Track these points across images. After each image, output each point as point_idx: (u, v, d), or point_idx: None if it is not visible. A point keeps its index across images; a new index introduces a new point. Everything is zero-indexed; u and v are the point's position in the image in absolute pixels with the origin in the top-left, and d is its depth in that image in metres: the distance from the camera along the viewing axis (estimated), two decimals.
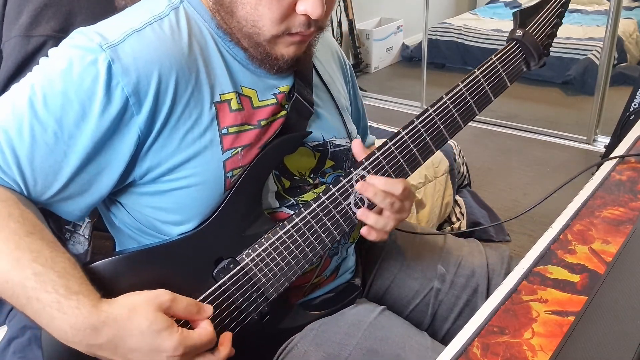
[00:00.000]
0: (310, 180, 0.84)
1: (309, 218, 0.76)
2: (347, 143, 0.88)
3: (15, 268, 0.61)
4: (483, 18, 4.67)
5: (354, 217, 0.79)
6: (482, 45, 4.20)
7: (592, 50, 3.74)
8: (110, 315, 0.62)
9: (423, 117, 0.79)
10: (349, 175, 0.77)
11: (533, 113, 3.46)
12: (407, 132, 0.78)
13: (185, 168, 0.72)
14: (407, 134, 0.78)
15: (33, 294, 0.61)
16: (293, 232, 0.76)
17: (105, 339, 0.61)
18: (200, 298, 0.73)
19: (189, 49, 0.71)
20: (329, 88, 0.88)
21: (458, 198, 2.22)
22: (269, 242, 0.75)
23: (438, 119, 0.79)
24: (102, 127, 0.67)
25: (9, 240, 0.62)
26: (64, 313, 0.60)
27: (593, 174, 1.04)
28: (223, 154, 0.74)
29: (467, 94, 0.80)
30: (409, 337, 0.81)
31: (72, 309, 0.60)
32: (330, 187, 0.77)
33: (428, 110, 0.79)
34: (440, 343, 0.83)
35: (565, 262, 0.79)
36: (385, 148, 0.78)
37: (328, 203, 0.77)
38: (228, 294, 0.75)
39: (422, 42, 3.76)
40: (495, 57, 0.83)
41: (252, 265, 0.75)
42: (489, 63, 0.82)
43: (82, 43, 0.67)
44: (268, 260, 0.76)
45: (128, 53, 0.67)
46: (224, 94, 0.74)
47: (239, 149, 0.75)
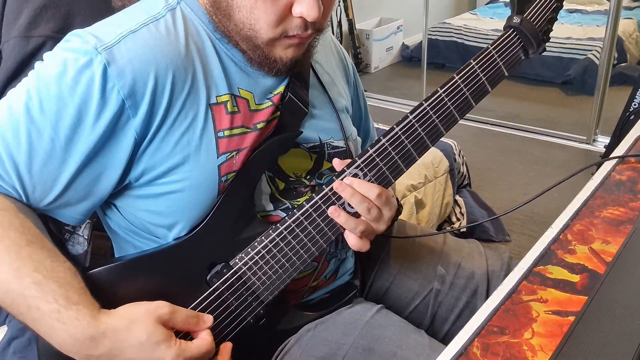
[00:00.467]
0: (307, 182, 0.83)
1: (302, 219, 0.75)
2: (345, 145, 0.87)
3: (16, 277, 0.61)
4: (483, 18, 4.67)
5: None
6: (482, 45, 4.18)
7: (592, 50, 3.74)
8: (109, 327, 0.62)
9: (417, 111, 0.76)
10: (342, 174, 0.76)
11: (533, 113, 3.46)
12: (400, 127, 0.76)
13: (180, 171, 0.71)
14: (400, 130, 0.76)
15: (33, 303, 0.61)
16: (286, 234, 0.75)
17: (104, 350, 0.62)
18: (195, 303, 0.73)
19: (186, 50, 0.71)
20: (327, 89, 0.87)
21: (458, 198, 2.22)
22: (262, 245, 0.75)
23: (433, 113, 0.77)
24: (98, 130, 0.66)
25: (10, 250, 0.62)
26: (64, 323, 0.61)
27: (593, 174, 1.04)
28: (218, 158, 0.73)
29: (462, 86, 0.78)
30: (406, 335, 0.81)
31: (71, 320, 0.61)
32: (324, 187, 0.76)
33: (422, 105, 0.76)
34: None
35: (565, 262, 0.79)
36: (379, 145, 0.76)
37: (321, 203, 0.75)
38: (222, 299, 0.75)
39: (422, 42, 3.76)
40: (492, 46, 0.80)
41: (245, 269, 0.75)
42: (486, 52, 0.79)
43: (76, 46, 0.67)
44: (262, 264, 0.75)
45: (124, 54, 0.66)
46: (220, 96, 0.73)
47: (234, 153, 0.74)
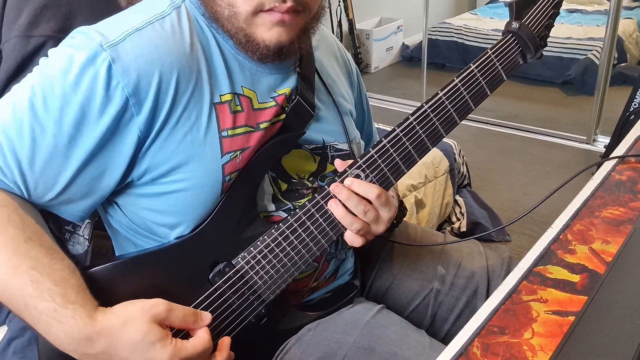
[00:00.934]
0: (309, 184, 0.84)
1: (305, 219, 0.76)
2: (348, 148, 0.87)
3: (14, 275, 0.61)
4: (483, 18, 4.67)
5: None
6: (482, 45, 4.19)
7: (592, 50, 3.74)
8: (105, 326, 0.62)
9: (418, 113, 0.77)
10: (344, 175, 0.77)
11: (533, 113, 3.46)
12: (402, 129, 0.77)
13: (184, 170, 0.71)
14: (402, 131, 0.77)
15: (30, 302, 0.61)
16: (288, 233, 0.75)
17: (99, 349, 0.62)
18: (197, 302, 0.73)
19: (191, 48, 0.71)
20: (331, 92, 0.87)
21: (458, 198, 2.22)
22: (264, 244, 0.75)
23: (433, 115, 0.78)
24: (101, 127, 0.66)
25: (8, 247, 0.62)
26: (60, 322, 0.61)
27: (593, 174, 1.04)
28: (222, 157, 0.73)
29: (462, 89, 0.79)
30: (407, 335, 0.81)
31: (67, 318, 0.61)
32: (326, 187, 0.76)
33: (423, 107, 0.77)
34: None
35: (565, 262, 0.79)
36: (380, 146, 0.77)
37: (323, 203, 0.76)
38: (224, 298, 0.75)
39: (422, 42, 3.76)
40: (491, 50, 0.81)
41: (247, 268, 0.75)
42: (485, 57, 0.81)
43: (82, 43, 0.67)
44: (264, 263, 0.75)
45: (129, 52, 0.66)
46: (224, 95, 0.73)
47: (238, 153, 0.74)
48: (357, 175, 0.77)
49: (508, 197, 2.52)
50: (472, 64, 0.80)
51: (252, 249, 0.75)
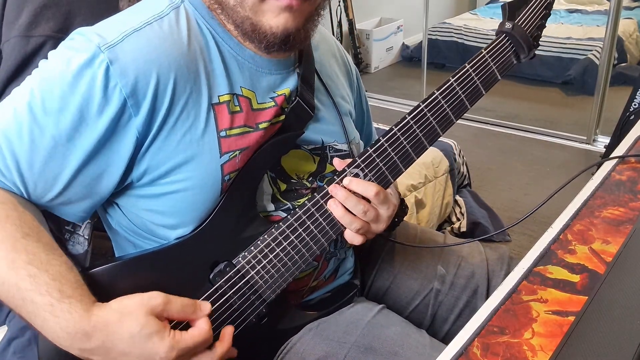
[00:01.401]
0: (308, 184, 0.84)
1: (304, 218, 0.76)
2: (348, 149, 0.87)
3: (11, 269, 0.61)
4: (483, 18, 4.66)
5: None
6: (482, 46, 4.09)
7: (592, 50, 3.74)
8: (101, 320, 0.62)
9: (415, 112, 0.78)
10: (343, 174, 0.77)
11: (533, 113, 3.46)
12: (399, 128, 0.78)
13: (183, 171, 0.71)
14: (399, 130, 0.78)
15: (28, 296, 0.61)
16: (288, 232, 0.76)
17: (97, 344, 0.61)
18: None
19: (189, 49, 0.71)
20: (330, 92, 0.87)
21: (458, 198, 2.22)
22: (265, 243, 0.75)
23: (430, 114, 0.79)
24: (100, 129, 0.67)
25: (6, 242, 0.62)
26: (56, 316, 0.61)
27: (593, 174, 1.04)
28: (221, 157, 0.73)
29: (458, 88, 0.80)
30: (407, 335, 0.81)
31: (64, 313, 0.61)
32: (325, 186, 0.77)
33: (420, 106, 0.79)
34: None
35: (565, 262, 0.79)
36: (378, 145, 0.77)
37: (323, 203, 0.76)
38: (225, 298, 0.75)
39: (422, 42, 3.76)
40: (486, 50, 0.83)
41: (248, 268, 0.75)
42: (480, 57, 0.82)
43: (80, 45, 0.67)
44: (264, 262, 0.75)
45: (127, 53, 0.66)
46: (222, 95, 0.73)
47: (237, 153, 0.74)
48: (355, 175, 0.77)
49: (508, 197, 2.52)
50: (467, 64, 0.81)
51: (252, 249, 0.75)
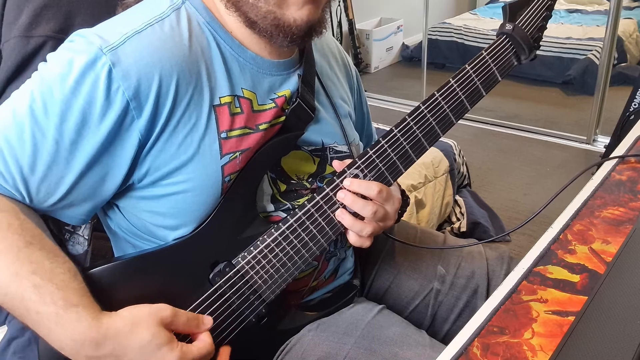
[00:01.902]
0: (308, 185, 0.84)
1: (304, 219, 0.76)
2: (348, 150, 0.87)
3: (14, 280, 0.61)
4: (483, 18, 4.66)
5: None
6: (482, 45, 4.15)
7: (592, 50, 3.74)
8: (112, 329, 0.62)
9: (415, 114, 0.78)
10: (343, 175, 0.77)
11: (533, 113, 3.46)
12: (399, 129, 0.78)
13: (184, 172, 0.71)
14: (399, 132, 0.78)
15: (32, 307, 0.61)
16: (288, 233, 0.76)
17: (105, 352, 0.61)
18: (197, 302, 0.73)
19: (190, 50, 0.71)
20: (330, 94, 0.87)
21: (458, 198, 2.21)
22: (264, 244, 0.75)
23: (430, 116, 0.79)
24: (102, 132, 0.66)
25: (8, 252, 0.62)
26: (62, 326, 0.60)
27: (593, 174, 1.04)
28: (222, 159, 0.73)
29: (458, 90, 0.80)
30: (407, 335, 0.81)
31: (71, 322, 0.60)
32: (325, 187, 0.77)
33: (420, 108, 0.78)
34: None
35: (565, 262, 0.79)
36: (379, 146, 0.77)
37: (322, 203, 0.76)
38: (225, 298, 0.75)
39: (422, 42, 3.76)
40: (486, 51, 0.82)
41: (248, 268, 0.75)
42: (480, 58, 0.82)
43: (81, 46, 0.67)
44: (264, 263, 0.75)
45: (129, 55, 0.66)
46: (224, 97, 0.73)
47: (238, 154, 0.74)
48: (355, 175, 0.77)
49: (508, 197, 2.52)
50: (467, 65, 0.81)
51: (252, 249, 0.75)
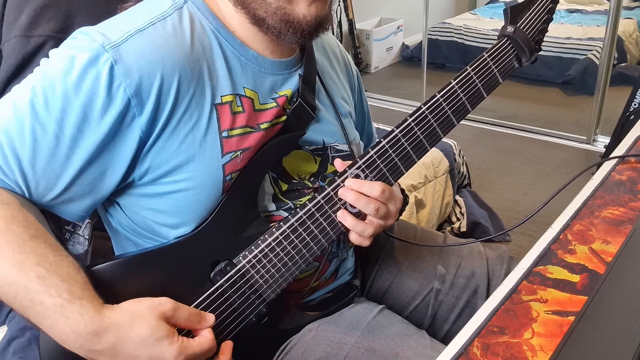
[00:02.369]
0: (310, 184, 0.84)
1: (305, 218, 0.76)
2: (349, 149, 0.87)
3: (20, 271, 0.61)
4: (483, 18, 4.67)
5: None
6: (482, 45, 4.19)
7: (592, 50, 3.74)
8: (113, 322, 0.62)
9: (416, 115, 0.79)
10: (344, 175, 0.77)
11: (533, 113, 3.46)
12: (400, 130, 0.78)
13: (185, 170, 0.72)
14: (400, 132, 0.78)
15: (37, 298, 0.61)
16: (289, 232, 0.76)
17: (106, 345, 0.62)
18: (198, 301, 0.73)
19: (192, 49, 0.71)
20: (330, 93, 0.87)
21: (458, 198, 2.22)
22: (265, 243, 0.75)
23: (431, 117, 0.79)
24: (103, 128, 0.67)
25: (13, 244, 0.62)
26: (67, 317, 0.61)
27: (593, 174, 1.04)
28: (223, 157, 0.73)
29: (459, 92, 0.80)
30: (408, 335, 0.81)
31: (74, 314, 0.61)
32: (326, 187, 0.77)
33: (421, 109, 0.79)
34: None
35: (565, 262, 0.79)
36: (380, 147, 0.78)
37: (323, 203, 0.76)
38: (226, 297, 0.75)
39: (422, 42, 3.76)
40: (487, 53, 0.83)
41: (248, 267, 0.75)
42: (481, 60, 0.82)
43: (83, 43, 0.67)
44: (265, 262, 0.76)
45: (130, 53, 0.66)
46: (225, 96, 0.73)
47: (239, 153, 0.74)
48: (356, 175, 0.77)
49: (508, 197, 2.52)
50: (468, 67, 0.82)
51: (253, 248, 0.75)
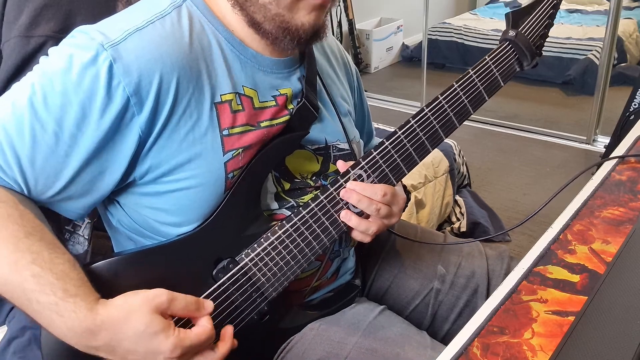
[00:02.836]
0: (312, 183, 0.84)
1: (307, 217, 0.76)
2: (350, 148, 0.88)
3: (14, 270, 0.61)
4: (483, 18, 4.67)
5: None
6: (482, 46, 4.19)
7: (592, 50, 3.74)
8: (106, 318, 0.62)
9: (419, 116, 0.79)
10: (347, 175, 0.77)
11: (533, 113, 3.46)
12: (403, 131, 0.79)
13: (186, 169, 0.72)
14: (403, 134, 0.79)
15: (32, 296, 0.61)
16: (292, 231, 0.76)
17: (102, 342, 0.62)
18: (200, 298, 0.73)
19: (191, 48, 0.71)
20: (330, 93, 0.88)
21: (458, 198, 2.22)
22: (268, 241, 0.76)
23: (433, 119, 0.80)
24: (103, 127, 0.67)
25: (8, 242, 0.62)
26: (62, 315, 0.61)
27: (593, 174, 1.04)
28: (224, 155, 0.73)
29: (461, 94, 0.81)
30: (408, 336, 0.81)
31: (68, 312, 0.61)
32: (328, 186, 0.77)
33: (424, 110, 0.80)
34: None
35: (565, 262, 0.79)
36: (382, 147, 0.78)
37: (326, 202, 0.77)
38: (228, 294, 0.75)
39: (422, 42, 3.76)
40: (489, 57, 0.84)
41: (251, 265, 0.75)
42: (483, 63, 0.83)
43: (83, 42, 0.67)
44: (267, 260, 0.76)
45: (130, 51, 0.66)
46: (225, 94, 0.73)
47: (240, 150, 0.74)
48: (359, 176, 0.78)
49: (508, 197, 2.52)
50: (470, 70, 0.83)
51: (255, 246, 0.75)
